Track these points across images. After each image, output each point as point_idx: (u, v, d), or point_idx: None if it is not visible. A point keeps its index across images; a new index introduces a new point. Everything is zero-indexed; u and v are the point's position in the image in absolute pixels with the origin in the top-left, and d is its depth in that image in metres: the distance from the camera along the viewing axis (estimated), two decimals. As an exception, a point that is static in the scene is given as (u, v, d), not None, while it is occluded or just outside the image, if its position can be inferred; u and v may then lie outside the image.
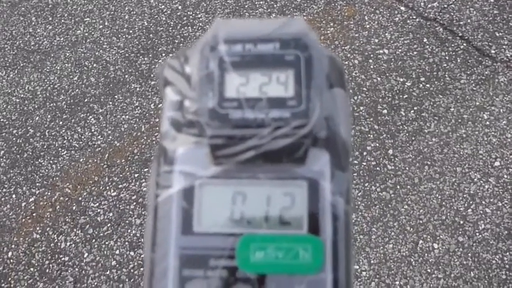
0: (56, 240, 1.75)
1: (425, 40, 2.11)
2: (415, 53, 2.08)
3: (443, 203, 1.68)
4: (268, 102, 0.27)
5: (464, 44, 2.08)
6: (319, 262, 0.26)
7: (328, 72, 0.28)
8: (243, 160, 0.27)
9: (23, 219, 1.82)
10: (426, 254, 1.58)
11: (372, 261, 1.59)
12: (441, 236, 1.61)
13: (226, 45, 0.28)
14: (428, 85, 1.97)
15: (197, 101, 0.28)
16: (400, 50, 2.10)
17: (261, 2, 2.38)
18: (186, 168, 0.27)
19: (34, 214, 1.83)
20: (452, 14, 2.19)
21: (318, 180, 0.27)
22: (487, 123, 1.85)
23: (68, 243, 1.74)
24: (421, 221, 1.65)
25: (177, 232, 0.27)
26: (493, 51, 2.04)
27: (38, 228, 1.79)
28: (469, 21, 2.15)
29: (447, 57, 2.04)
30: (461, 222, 1.63)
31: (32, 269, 1.70)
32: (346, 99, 0.29)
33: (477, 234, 1.61)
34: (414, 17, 2.20)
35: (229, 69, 0.28)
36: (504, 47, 2.05)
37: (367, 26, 2.20)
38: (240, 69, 0.28)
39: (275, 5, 2.36)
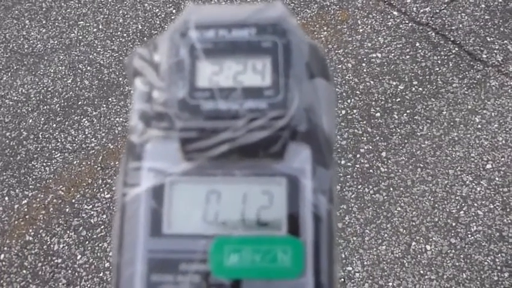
0: (49, 243, 1.75)
1: (417, 44, 2.14)
2: (407, 57, 2.10)
3: (436, 205, 1.69)
4: (243, 92, 0.25)
5: (456, 49, 2.10)
6: (299, 266, 0.23)
7: (308, 61, 0.26)
8: (216, 155, 0.25)
9: (16, 222, 1.82)
10: (419, 256, 1.59)
11: (365, 263, 1.59)
12: (434, 238, 1.62)
13: (198, 31, 0.26)
14: (420, 89, 1.99)
15: (166, 91, 0.26)
16: (392, 54, 2.11)
17: (255, 6, 2.39)
18: (155, 164, 0.25)
19: (27, 216, 1.82)
20: (444, 19, 2.21)
21: (298, 177, 0.25)
22: (479, 126, 1.86)
23: (61, 245, 1.73)
24: (413, 223, 1.66)
25: (145, 234, 0.25)
26: (484, 56, 2.06)
27: (30, 231, 1.78)
28: (460, 26, 2.18)
29: (439, 61, 2.07)
30: (454, 224, 1.65)
31: (24, 271, 1.69)
32: (330, 91, 0.27)
33: (469, 236, 1.62)
34: (407, 22, 2.22)
35: (200, 57, 0.26)
36: (495, 51, 2.07)
37: (360, 30, 2.22)
38: (213, 57, 0.26)
39: (269, 9, 2.37)
